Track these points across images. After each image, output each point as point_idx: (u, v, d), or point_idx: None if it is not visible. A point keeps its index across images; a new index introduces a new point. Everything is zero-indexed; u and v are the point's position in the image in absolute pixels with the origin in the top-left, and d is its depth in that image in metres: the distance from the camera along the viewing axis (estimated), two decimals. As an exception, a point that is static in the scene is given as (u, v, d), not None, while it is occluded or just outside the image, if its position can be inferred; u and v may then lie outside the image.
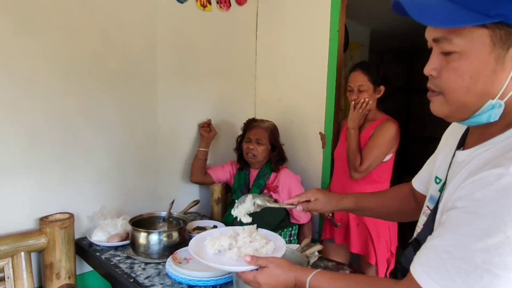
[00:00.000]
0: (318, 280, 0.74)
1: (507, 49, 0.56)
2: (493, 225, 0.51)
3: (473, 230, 0.53)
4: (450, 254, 0.54)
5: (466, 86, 0.59)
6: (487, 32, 0.55)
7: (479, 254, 0.51)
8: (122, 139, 1.84)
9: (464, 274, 0.52)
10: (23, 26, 1.47)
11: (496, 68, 0.57)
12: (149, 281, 1.29)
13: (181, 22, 2.02)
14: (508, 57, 0.56)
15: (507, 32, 0.55)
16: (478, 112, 0.60)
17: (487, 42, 0.56)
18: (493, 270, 0.50)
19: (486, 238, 0.51)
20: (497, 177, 0.52)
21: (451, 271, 0.54)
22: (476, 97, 0.59)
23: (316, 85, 2.16)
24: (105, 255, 1.52)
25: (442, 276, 0.55)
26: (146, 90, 1.91)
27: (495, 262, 0.50)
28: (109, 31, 1.73)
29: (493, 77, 0.57)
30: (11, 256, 1.42)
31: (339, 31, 2.04)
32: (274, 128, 2.05)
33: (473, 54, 0.57)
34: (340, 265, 1.44)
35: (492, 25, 0.55)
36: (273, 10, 2.36)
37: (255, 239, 1.01)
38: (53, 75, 1.57)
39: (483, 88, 0.58)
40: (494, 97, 0.58)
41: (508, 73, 0.56)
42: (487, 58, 0.57)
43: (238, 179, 2.06)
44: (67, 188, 1.66)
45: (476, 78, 0.58)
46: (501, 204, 0.50)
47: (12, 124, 1.47)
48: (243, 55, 2.40)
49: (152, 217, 1.65)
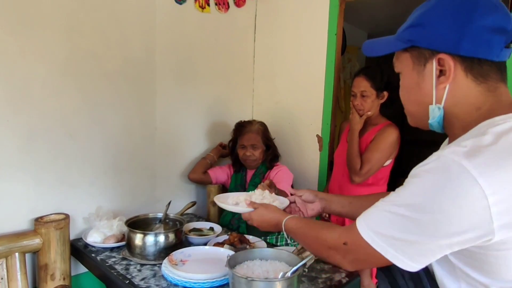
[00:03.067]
0: (289, 221, 0.99)
1: (423, 65, 0.71)
2: (417, 192, 0.64)
3: (405, 194, 0.66)
4: (383, 208, 0.69)
5: (407, 97, 0.77)
6: (408, 55, 0.73)
7: (402, 209, 0.65)
8: (119, 140, 1.83)
9: (387, 221, 0.67)
10: (21, 26, 1.46)
11: (419, 81, 0.72)
12: (144, 282, 1.29)
13: (180, 23, 2.02)
14: (426, 71, 0.71)
15: (419, 52, 0.71)
16: (430, 119, 0.73)
17: (410, 62, 0.73)
18: (411, 225, 0.64)
19: (411, 199, 0.64)
20: (436, 157, 0.63)
21: (381, 218, 0.68)
22: (417, 106, 0.74)
23: (313, 88, 2.17)
24: (100, 256, 1.51)
25: (372, 221, 0.70)
26: (144, 91, 1.91)
27: (413, 217, 0.63)
28: (107, 32, 1.73)
29: (419, 88, 0.73)
30: (5, 257, 1.41)
31: (337, 35, 2.06)
32: (265, 128, 2.06)
33: (404, 72, 0.75)
34: (336, 267, 1.44)
35: (409, 49, 0.72)
36: (271, 12, 2.37)
37: (265, 198, 1.24)
38: (50, 75, 1.56)
39: (416, 98, 0.74)
40: (430, 103, 0.71)
41: (430, 83, 0.70)
42: (412, 73, 0.73)
43: (235, 180, 2.08)
44: (63, 188, 1.65)
45: (410, 91, 0.75)
46: (428, 177, 0.63)
47: (8, 124, 1.47)
48: (241, 57, 2.41)
49: (148, 218, 1.64)
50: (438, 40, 0.67)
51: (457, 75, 0.68)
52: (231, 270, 1.07)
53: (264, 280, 1.04)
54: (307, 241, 0.92)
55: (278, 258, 1.20)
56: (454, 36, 0.65)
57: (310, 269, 1.38)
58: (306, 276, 1.33)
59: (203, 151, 2.24)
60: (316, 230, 0.88)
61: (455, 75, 0.67)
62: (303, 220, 1.00)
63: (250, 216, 1.13)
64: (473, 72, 0.67)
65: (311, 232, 0.89)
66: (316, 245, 0.86)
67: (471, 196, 0.57)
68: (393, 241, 0.66)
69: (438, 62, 0.68)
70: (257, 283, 1.02)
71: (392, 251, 0.66)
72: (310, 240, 0.89)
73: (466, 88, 0.68)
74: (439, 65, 0.68)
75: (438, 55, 0.68)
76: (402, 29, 0.74)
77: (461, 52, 0.66)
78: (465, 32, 0.64)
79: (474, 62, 0.66)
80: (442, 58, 0.68)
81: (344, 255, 0.76)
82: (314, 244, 0.87)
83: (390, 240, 0.66)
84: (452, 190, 0.59)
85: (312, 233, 0.89)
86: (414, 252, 0.64)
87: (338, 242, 0.77)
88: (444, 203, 0.59)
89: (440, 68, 0.68)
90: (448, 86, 0.68)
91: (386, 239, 0.67)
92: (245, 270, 1.13)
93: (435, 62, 0.69)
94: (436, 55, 0.68)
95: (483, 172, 0.58)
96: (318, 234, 0.86)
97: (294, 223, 0.98)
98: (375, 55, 0.77)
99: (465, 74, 0.67)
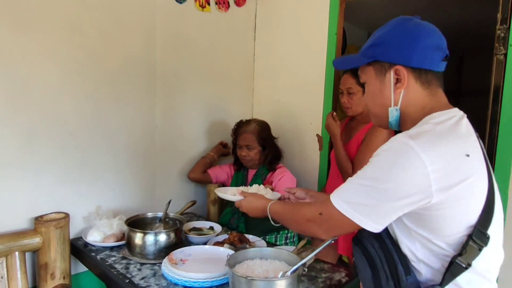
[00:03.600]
0: (274, 205, 1.14)
1: (384, 75, 0.90)
2: (377, 166, 0.82)
3: (368, 169, 0.83)
4: (351, 182, 0.86)
5: (372, 102, 0.95)
6: (371, 67, 0.92)
7: (366, 181, 0.82)
8: (120, 139, 1.83)
9: (354, 191, 0.84)
10: (21, 25, 1.46)
11: (381, 88, 0.91)
12: (144, 281, 1.29)
13: (180, 22, 2.02)
14: (386, 80, 0.90)
15: (380, 65, 0.90)
16: (390, 119, 0.92)
17: (373, 73, 0.92)
18: (372, 193, 0.81)
19: (372, 173, 0.82)
20: (391, 141, 0.81)
21: (349, 189, 0.86)
22: (380, 108, 0.93)
23: (314, 87, 2.17)
24: (100, 256, 1.51)
25: (342, 193, 0.87)
26: (144, 90, 1.91)
27: (373, 186, 0.81)
28: (108, 31, 1.73)
29: (381, 94, 0.91)
30: (5, 256, 1.41)
31: (337, 34, 2.06)
32: (262, 128, 2.00)
33: (369, 82, 0.94)
34: (335, 267, 1.44)
35: (372, 63, 0.91)
36: (271, 11, 2.36)
37: (260, 191, 1.42)
38: (50, 74, 1.56)
39: (379, 101, 0.92)
40: (390, 106, 0.90)
41: (389, 89, 0.89)
42: (375, 82, 0.92)
43: (236, 178, 2.07)
44: (63, 187, 1.65)
45: (374, 96, 0.94)
46: (385, 155, 0.81)
47: (8, 123, 1.46)
48: (241, 56, 2.41)
49: (148, 217, 1.64)
50: (395, 56, 0.87)
51: (409, 82, 0.87)
52: (231, 269, 1.07)
53: (264, 280, 1.04)
54: (288, 218, 1.06)
55: (278, 258, 1.20)
56: (406, 52, 0.85)
57: (310, 268, 1.38)
58: (306, 276, 1.34)
59: (203, 149, 2.24)
60: (297, 208, 1.05)
61: (408, 82, 0.87)
62: (285, 203, 1.21)
63: (240, 203, 1.28)
64: (421, 79, 0.87)
65: (292, 210, 1.05)
66: (296, 219, 1.02)
67: (415, 166, 0.76)
68: (359, 207, 0.82)
69: (395, 72, 0.87)
70: (257, 283, 1.03)
71: (358, 215, 0.82)
72: (291, 217, 1.05)
73: (416, 92, 0.88)
74: (396, 75, 0.88)
75: (395, 66, 0.87)
76: (365, 48, 0.93)
77: (412, 64, 0.86)
78: (414, 49, 0.85)
79: (422, 72, 0.87)
80: (398, 69, 0.87)
81: (320, 225, 0.92)
82: (294, 219, 1.03)
83: (357, 206, 0.83)
84: (401, 163, 0.77)
85: (293, 211, 1.05)
86: (375, 215, 0.81)
87: (314, 213, 0.93)
88: (395, 174, 0.78)
89: (397, 77, 0.88)
90: (403, 91, 0.88)
91: (353, 205, 0.83)
92: (245, 270, 1.13)
93: (392, 72, 0.88)
94: (394, 67, 0.87)
95: (424, 148, 0.76)
96: (298, 210, 1.03)
97: (277, 206, 1.13)
98: (345, 68, 1.06)
99: (415, 81, 0.87)
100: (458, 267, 0.80)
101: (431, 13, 2.88)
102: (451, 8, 2.80)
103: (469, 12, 2.89)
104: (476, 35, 3.59)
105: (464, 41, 3.97)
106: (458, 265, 0.80)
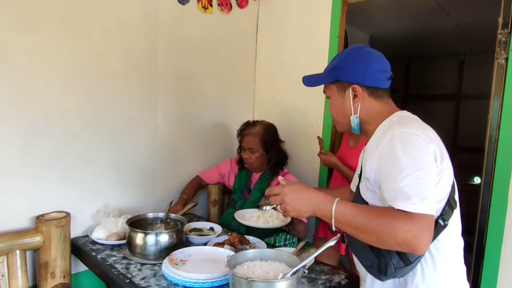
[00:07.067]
0: (341, 204, 0.95)
1: (344, 92, 1.10)
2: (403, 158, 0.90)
3: (399, 165, 0.90)
4: (398, 186, 0.89)
5: (336, 112, 1.14)
6: (334, 85, 1.12)
7: (407, 171, 0.88)
8: (121, 139, 1.84)
9: (404, 191, 0.88)
10: (24, 24, 1.47)
11: (342, 101, 1.10)
12: (145, 282, 1.29)
13: (182, 23, 2.03)
14: (346, 95, 1.09)
15: (341, 84, 1.10)
16: (352, 125, 1.11)
17: (335, 90, 1.12)
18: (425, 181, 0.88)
19: (406, 163, 0.89)
20: (391, 136, 0.94)
21: (404, 192, 0.88)
22: (343, 117, 1.12)
23: (315, 90, 2.15)
24: (101, 255, 1.51)
25: (401, 197, 0.89)
26: (146, 91, 1.91)
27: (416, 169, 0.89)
28: (110, 31, 1.73)
29: (343, 106, 1.10)
30: (6, 254, 1.42)
31: (339, 37, 2.06)
32: (266, 131, 1.95)
33: (333, 96, 1.13)
34: (335, 269, 1.44)
35: (335, 82, 1.11)
36: (274, 13, 2.37)
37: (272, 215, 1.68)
38: (53, 74, 1.57)
39: (343, 111, 1.11)
40: (351, 115, 1.09)
41: (349, 102, 1.09)
42: (338, 97, 1.12)
43: (239, 179, 2.04)
44: (64, 186, 1.65)
45: (337, 108, 1.13)
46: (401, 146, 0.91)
47: (11, 122, 1.47)
48: (243, 58, 2.41)
49: (149, 217, 1.65)
50: (352, 77, 1.07)
51: (365, 97, 1.07)
52: (231, 270, 1.07)
53: (264, 281, 1.04)
54: (369, 229, 0.90)
55: (278, 259, 1.20)
56: (361, 74, 1.06)
57: (309, 270, 1.39)
58: (305, 277, 1.34)
59: (204, 151, 2.25)
60: (383, 222, 0.88)
61: (363, 97, 1.07)
62: (358, 206, 0.96)
63: (283, 191, 1.01)
64: (373, 94, 1.07)
65: (378, 223, 0.88)
66: (383, 238, 0.88)
67: (426, 144, 0.92)
68: (424, 194, 0.86)
69: (353, 90, 1.07)
70: (257, 284, 1.03)
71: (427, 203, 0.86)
72: (378, 229, 0.88)
73: (370, 104, 1.08)
74: (353, 92, 1.08)
75: (353, 85, 1.07)
76: (328, 69, 1.13)
77: (366, 84, 1.06)
78: (367, 72, 1.06)
79: (373, 89, 1.07)
80: (355, 87, 1.07)
81: (418, 245, 0.85)
82: (385, 233, 0.87)
83: (420, 196, 0.86)
84: (417, 144, 0.91)
85: (378, 225, 0.88)
86: (429, 191, 0.88)
87: (408, 236, 0.85)
88: (424, 157, 0.90)
89: (354, 93, 1.08)
90: (360, 104, 1.08)
91: (421, 199, 0.86)
92: (245, 271, 1.13)
93: (351, 90, 1.08)
94: (351, 85, 1.07)
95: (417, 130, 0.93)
96: (386, 227, 0.87)
97: (348, 207, 0.93)
98: (312, 86, 1.19)
99: (368, 96, 1.07)
100: (439, 226, 0.95)
101: (433, 16, 2.88)
102: (453, 12, 2.81)
103: (471, 15, 2.90)
104: (477, 39, 3.60)
105: (465, 44, 3.98)
106: (439, 224, 0.95)
